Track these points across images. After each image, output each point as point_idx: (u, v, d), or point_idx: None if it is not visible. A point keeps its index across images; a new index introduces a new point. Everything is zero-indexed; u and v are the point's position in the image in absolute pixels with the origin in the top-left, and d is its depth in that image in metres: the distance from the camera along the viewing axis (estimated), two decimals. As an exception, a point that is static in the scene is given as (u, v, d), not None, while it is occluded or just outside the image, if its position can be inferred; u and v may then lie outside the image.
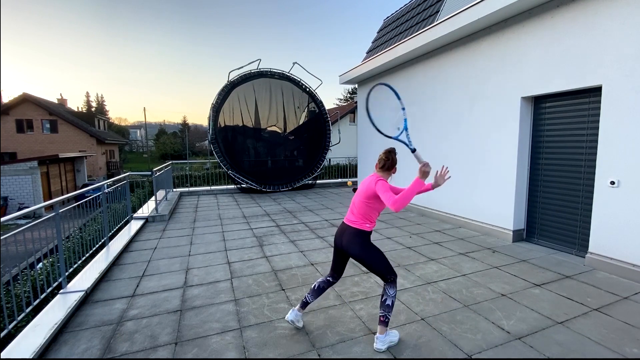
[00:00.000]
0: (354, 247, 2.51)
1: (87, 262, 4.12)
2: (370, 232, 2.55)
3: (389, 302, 2.51)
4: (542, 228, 4.95)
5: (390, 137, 2.59)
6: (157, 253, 4.76)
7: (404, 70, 7.59)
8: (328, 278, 2.76)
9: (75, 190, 22.12)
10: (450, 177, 2.59)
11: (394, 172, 2.61)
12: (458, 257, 4.44)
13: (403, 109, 2.59)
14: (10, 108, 25.89)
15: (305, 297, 2.76)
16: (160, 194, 7.84)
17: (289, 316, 2.73)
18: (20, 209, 17.89)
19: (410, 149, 2.48)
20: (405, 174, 3.65)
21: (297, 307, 2.77)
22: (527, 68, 4.74)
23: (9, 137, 25.64)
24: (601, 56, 3.88)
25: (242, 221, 6.66)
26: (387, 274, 2.52)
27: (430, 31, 5.99)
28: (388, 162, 2.56)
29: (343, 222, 2.64)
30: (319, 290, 2.75)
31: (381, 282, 3.66)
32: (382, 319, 2.50)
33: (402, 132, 2.57)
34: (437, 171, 2.53)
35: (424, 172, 2.38)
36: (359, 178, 10.26)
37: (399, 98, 2.57)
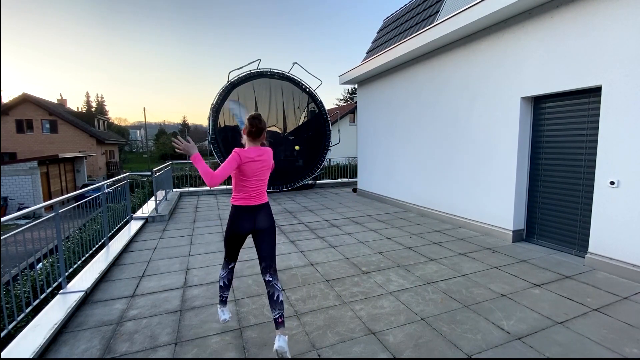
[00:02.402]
0: (269, 220, 2.54)
1: (87, 263, 4.11)
2: (235, 206, 2.48)
3: (281, 297, 2.43)
4: (542, 228, 4.95)
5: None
6: (157, 253, 4.75)
7: (404, 71, 7.59)
8: (230, 266, 2.67)
9: (75, 190, 22.11)
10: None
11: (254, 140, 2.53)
12: (458, 257, 4.44)
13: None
14: (10, 108, 25.89)
15: (221, 296, 2.69)
16: (160, 194, 7.84)
17: (225, 316, 2.67)
18: (20, 209, 17.88)
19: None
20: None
21: (221, 307, 2.71)
22: (527, 68, 4.74)
23: (9, 137, 25.63)
24: (601, 56, 3.88)
25: (242, 221, 6.65)
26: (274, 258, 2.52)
27: (430, 31, 5.99)
28: (253, 130, 2.47)
29: (247, 205, 2.47)
30: (230, 283, 2.71)
31: (382, 283, 3.66)
32: (280, 320, 2.36)
33: None
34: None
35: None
36: (359, 178, 10.26)
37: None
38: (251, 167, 2.43)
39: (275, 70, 10.55)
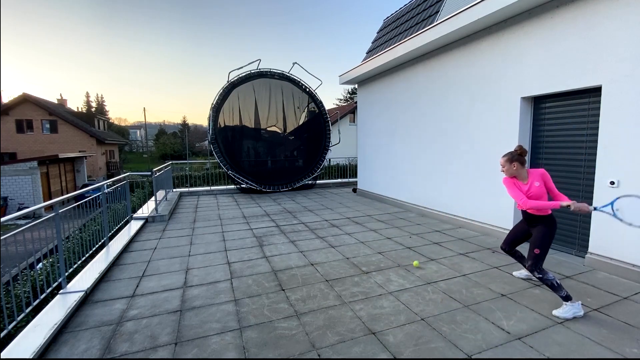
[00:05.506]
0: None
1: (87, 263, 4.11)
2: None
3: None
4: (542, 228, 4.94)
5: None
6: (157, 253, 4.75)
7: (404, 71, 7.59)
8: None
9: (75, 190, 22.13)
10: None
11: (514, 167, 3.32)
12: (458, 257, 4.44)
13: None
14: (10, 108, 25.90)
15: (567, 293, 2.98)
16: (160, 194, 7.84)
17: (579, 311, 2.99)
18: (20, 209, 17.89)
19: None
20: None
21: (574, 301, 2.96)
22: (527, 68, 4.74)
23: (9, 137, 25.64)
24: (601, 56, 3.88)
25: (242, 221, 6.66)
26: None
27: (430, 31, 5.99)
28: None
29: None
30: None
31: (382, 283, 3.67)
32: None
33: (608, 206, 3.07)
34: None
35: (580, 210, 2.92)
36: (359, 178, 10.26)
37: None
38: None
39: (275, 70, 10.56)
